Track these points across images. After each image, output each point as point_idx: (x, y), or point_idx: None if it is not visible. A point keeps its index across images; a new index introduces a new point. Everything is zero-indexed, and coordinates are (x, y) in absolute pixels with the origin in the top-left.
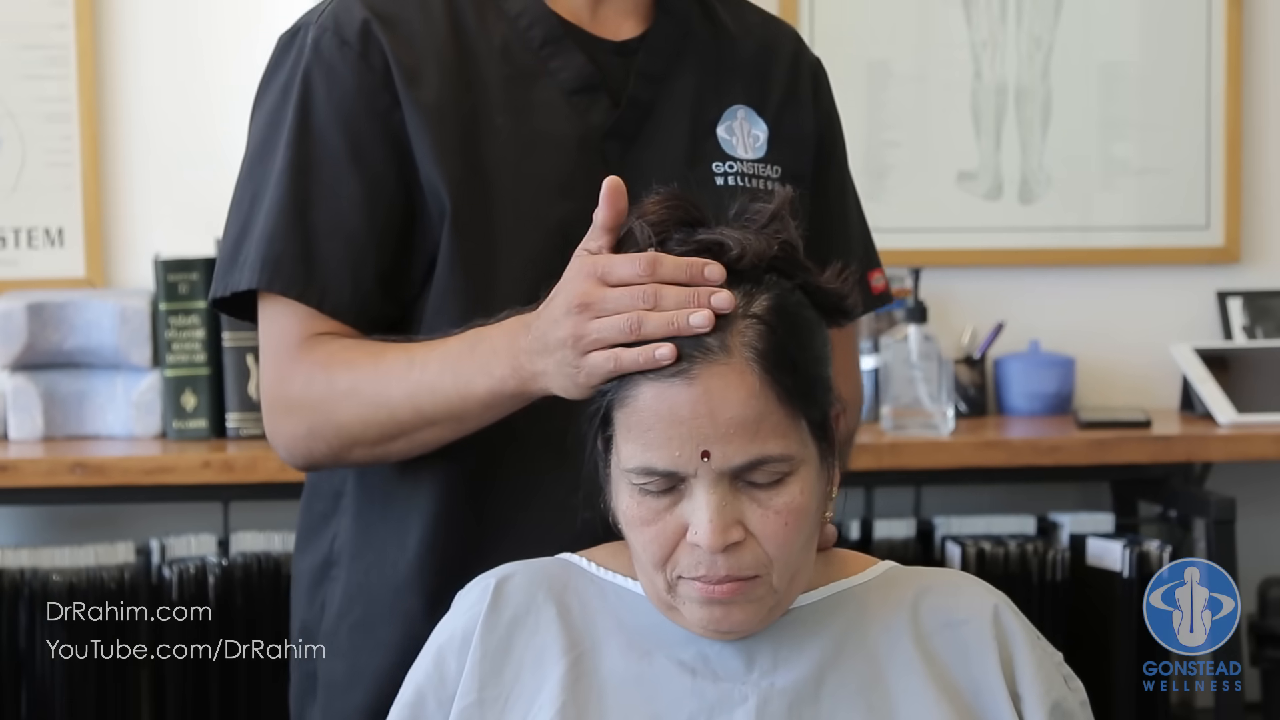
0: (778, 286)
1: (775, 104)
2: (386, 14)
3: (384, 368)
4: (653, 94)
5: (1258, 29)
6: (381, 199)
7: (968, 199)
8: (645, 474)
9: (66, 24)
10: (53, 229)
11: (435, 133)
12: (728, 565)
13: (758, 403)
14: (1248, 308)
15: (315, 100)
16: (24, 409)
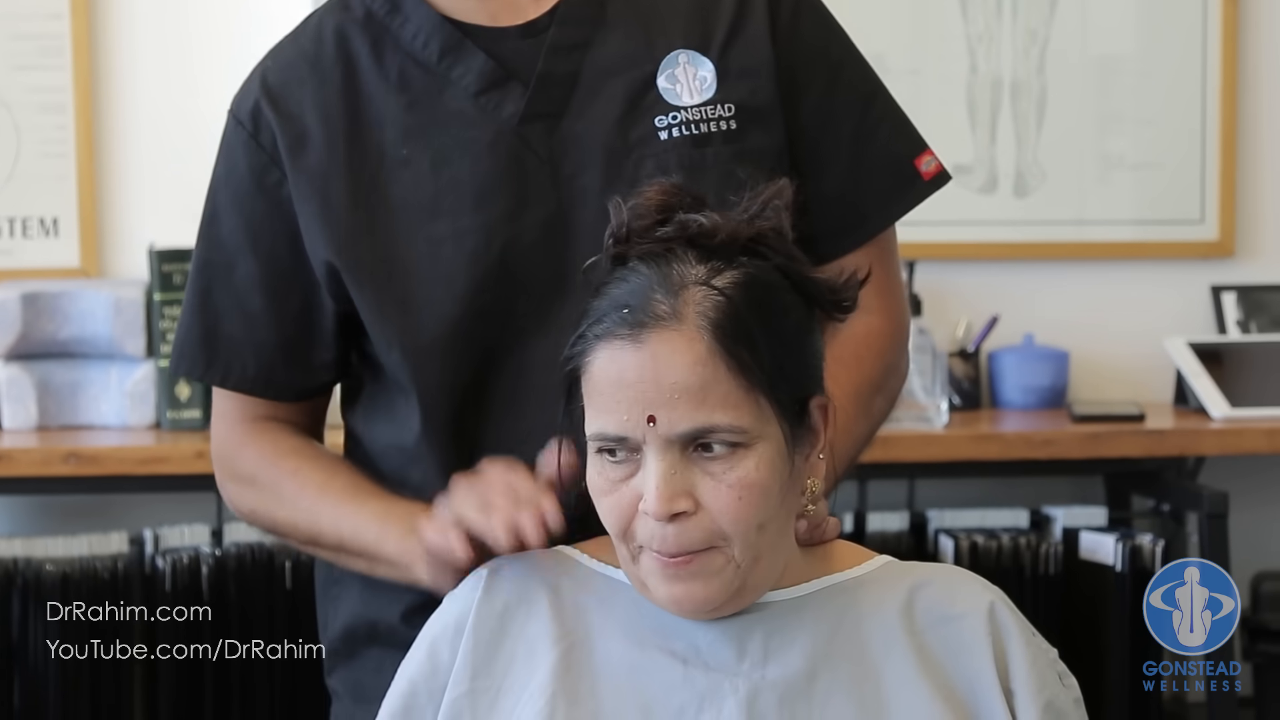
0: (751, 266)
1: (721, 37)
2: (277, 89)
3: (325, 496)
4: (575, 64)
5: (1253, 24)
6: (278, 277)
7: (962, 192)
8: (600, 439)
9: (61, 13)
10: (47, 219)
11: (322, 195)
12: (677, 537)
13: (704, 370)
14: (1242, 302)
15: (219, 184)
16: (18, 399)
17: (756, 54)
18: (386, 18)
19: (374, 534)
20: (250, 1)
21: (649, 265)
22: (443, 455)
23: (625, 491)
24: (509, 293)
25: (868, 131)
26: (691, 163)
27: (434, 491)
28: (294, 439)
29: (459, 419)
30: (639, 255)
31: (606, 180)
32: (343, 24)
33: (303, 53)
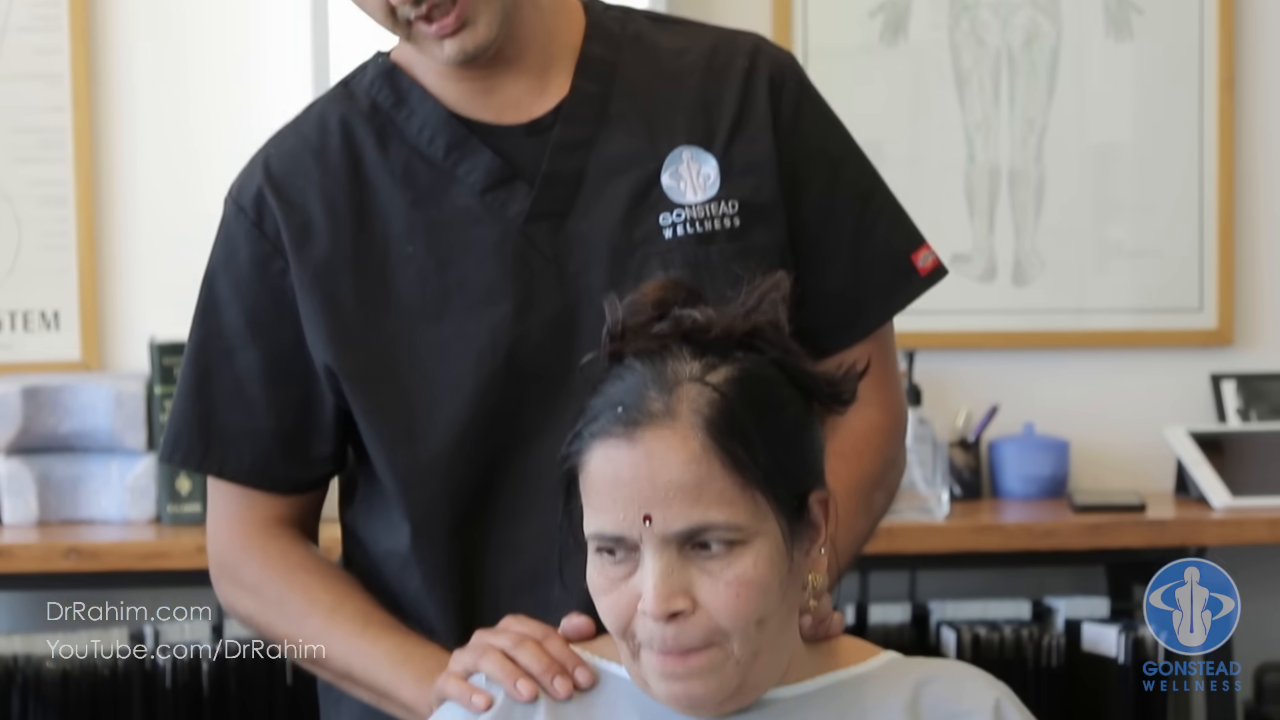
0: (747, 361)
1: (725, 135)
2: (281, 176)
3: (335, 621)
4: (579, 163)
5: (1250, 111)
6: (279, 366)
7: (961, 281)
8: (597, 539)
9: (63, 107)
10: (48, 312)
11: (326, 290)
12: (676, 636)
13: (699, 467)
14: (1242, 390)
15: (218, 270)
16: (18, 493)
17: (760, 150)
18: (392, 110)
19: (387, 676)
20: (252, 96)
21: (644, 362)
22: (439, 565)
23: (624, 590)
24: (516, 394)
25: (866, 227)
26: (696, 260)
27: (430, 600)
28: (300, 550)
29: (460, 529)
30: (634, 352)
31: (612, 279)
32: (347, 115)
33: (306, 142)
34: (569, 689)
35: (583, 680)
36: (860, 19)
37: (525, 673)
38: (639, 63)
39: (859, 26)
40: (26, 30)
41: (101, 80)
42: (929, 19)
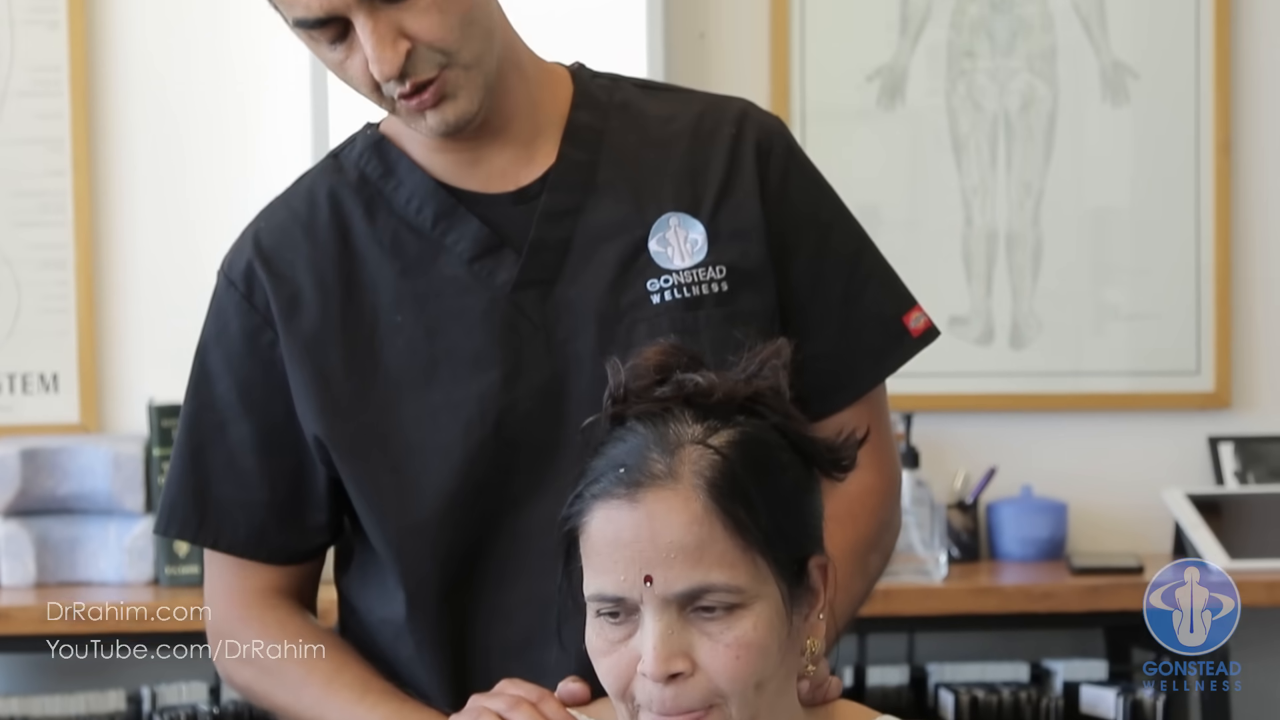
0: (748, 425)
1: (711, 200)
2: (270, 250)
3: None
4: (567, 230)
5: (1246, 175)
6: (272, 438)
7: (959, 344)
8: (598, 600)
9: (63, 171)
10: (47, 374)
11: (316, 362)
12: (675, 698)
13: (700, 529)
14: (1239, 453)
15: (210, 343)
16: (16, 555)
17: (747, 216)
18: (379, 181)
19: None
20: (249, 163)
21: (646, 425)
22: (431, 631)
23: (624, 652)
24: (505, 461)
25: (856, 291)
26: (684, 326)
27: (423, 665)
28: (297, 620)
29: (450, 594)
30: (636, 415)
31: (600, 345)
32: (335, 187)
33: (295, 215)
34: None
35: None
36: (858, 83)
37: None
38: (626, 130)
39: (857, 90)
40: (27, 95)
41: (101, 145)
42: (926, 83)
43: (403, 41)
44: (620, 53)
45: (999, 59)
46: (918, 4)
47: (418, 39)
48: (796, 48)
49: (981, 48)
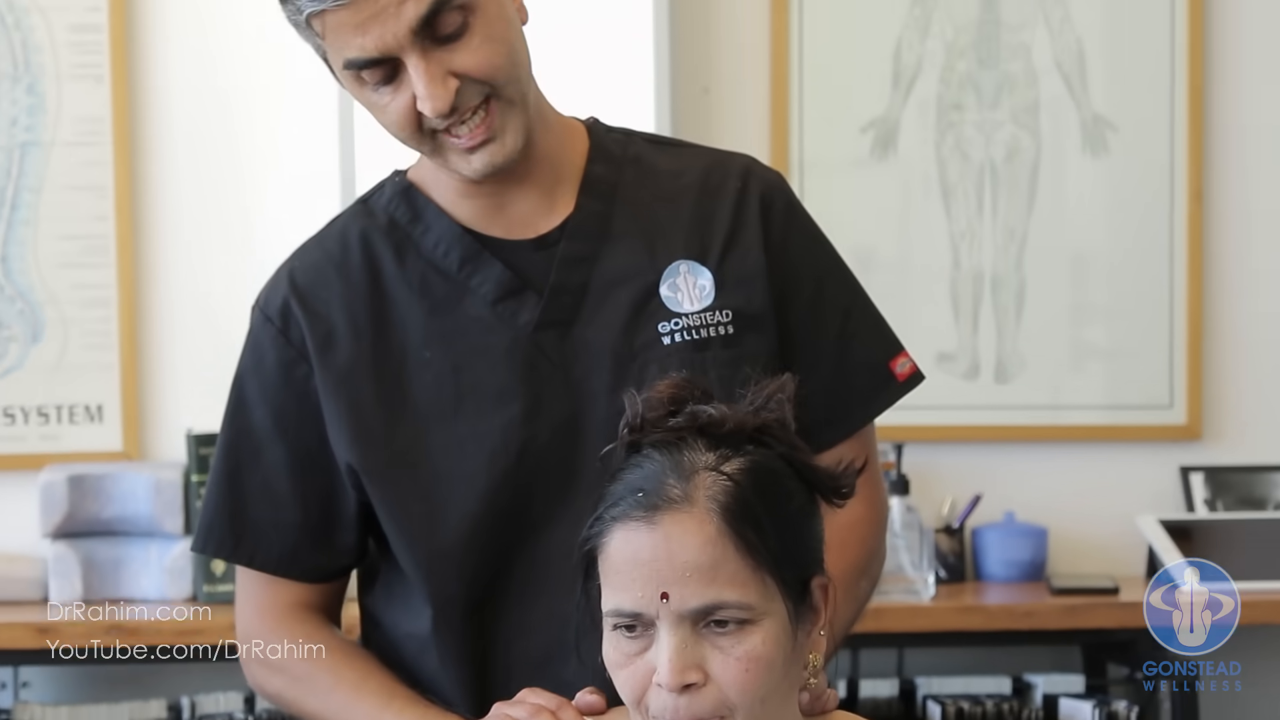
0: (757, 454)
1: (719, 249)
2: (305, 288)
3: (361, 696)
4: (584, 276)
5: (1217, 222)
6: (305, 463)
7: (947, 379)
8: (616, 615)
9: (107, 216)
10: (92, 406)
11: (349, 394)
12: (689, 707)
13: (714, 550)
14: (1209, 482)
15: (246, 374)
16: (64, 574)
17: (751, 264)
18: (409, 226)
19: None
20: (281, 208)
21: (662, 452)
22: (456, 646)
23: (640, 665)
24: (525, 489)
25: (848, 339)
26: (692, 365)
27: (447, 678)
28: (324, 632)
29: (475, 612)
30: (652, 444)
31: (614, 383)
32: (367, 230)
33: (329, 255)
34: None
35: None
36: (852, 134)
37: None
38: (639, 183)
39: (851, 142)
40: (73, 145)
41: (142, 192)
42: (917, 135)
43: (451, 80)
44: (629, 106)
45: (985, 112)
46: (909, 60)
47: (466, 74)
48: (795, 102)
49: (969, 101)
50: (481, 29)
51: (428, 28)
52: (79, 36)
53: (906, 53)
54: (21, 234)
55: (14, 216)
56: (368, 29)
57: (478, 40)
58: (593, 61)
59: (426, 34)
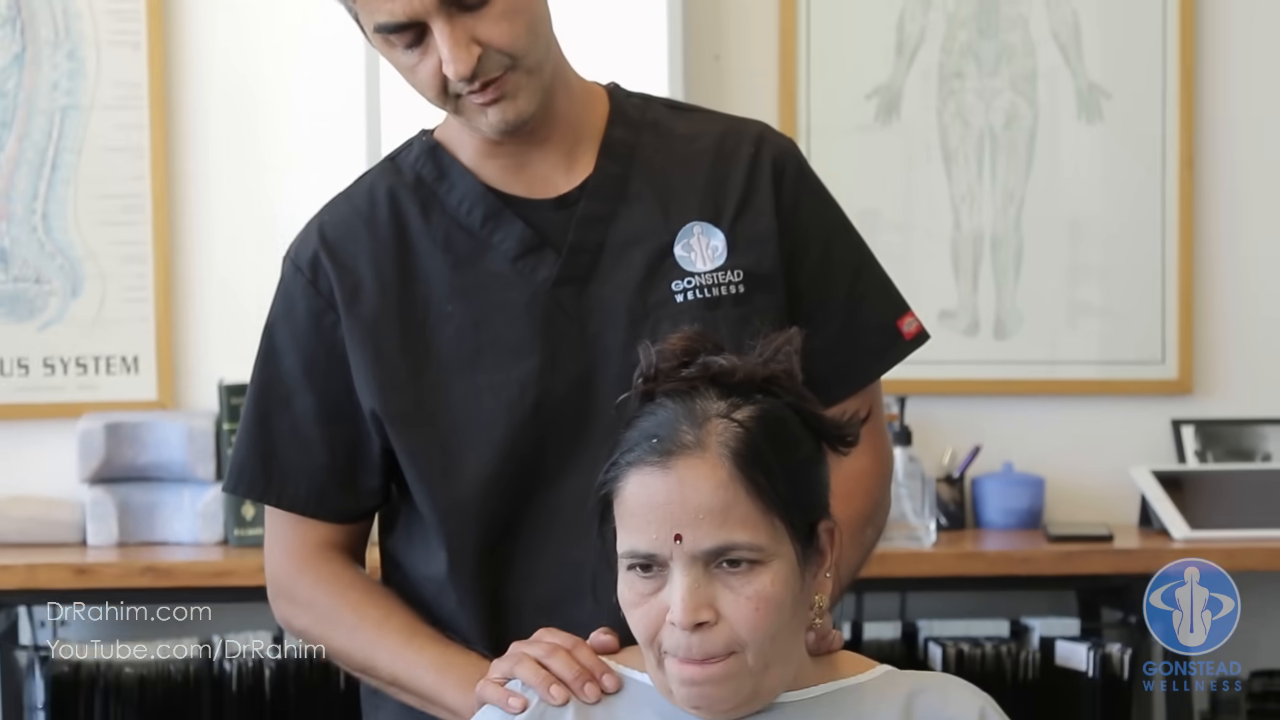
0: (766, 403)
1: (732, 211)
2: (334, 241)
3: (383, 633)
4: (601, 235)
5: (1207, 186)
6: (332, 408)
7: (948, 335)
8: (631, 557)
9: (143, 176)
10: (129, 357)
11: (374, 343)
12: (701, 644)
13: (725, 493)
14: (1199, 434)
15: (277, 322)
16: (101, 518)
17: (762, 227)
18: (434, 184)
19: (431, 681)
20: (308, 167)
21: (675, 401)
22: (472, 588)
23: (653, 604)
24: (540, 439)
25: (857, 298)
26: (704, 323)
27: (464, 617)
28: (349, 571)
29: (489, 556)
30: (665, 392)
31: (629, 338)
32: (394, 187)
33: (357, 210)
34: (597, 694)
35: (609, 686)
36: (858, 101)
37: (557, 679)
38: (656, 147)
39: (856, 108)
40: (111, 108)
41: (177, 153)
42: (920, 101)
43: (475, 46)
44: (643, 73)
45: (985, 80)
46: (912, 30)
47: (488, 44)
48: (803, 69)
49: (970, 70)
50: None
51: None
52: (117, 5)
53: (909, 23)
54: (62, 193)
55: (55, 176)
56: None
57: (500, 8)
58: (609, 29)
59: (452, 1)
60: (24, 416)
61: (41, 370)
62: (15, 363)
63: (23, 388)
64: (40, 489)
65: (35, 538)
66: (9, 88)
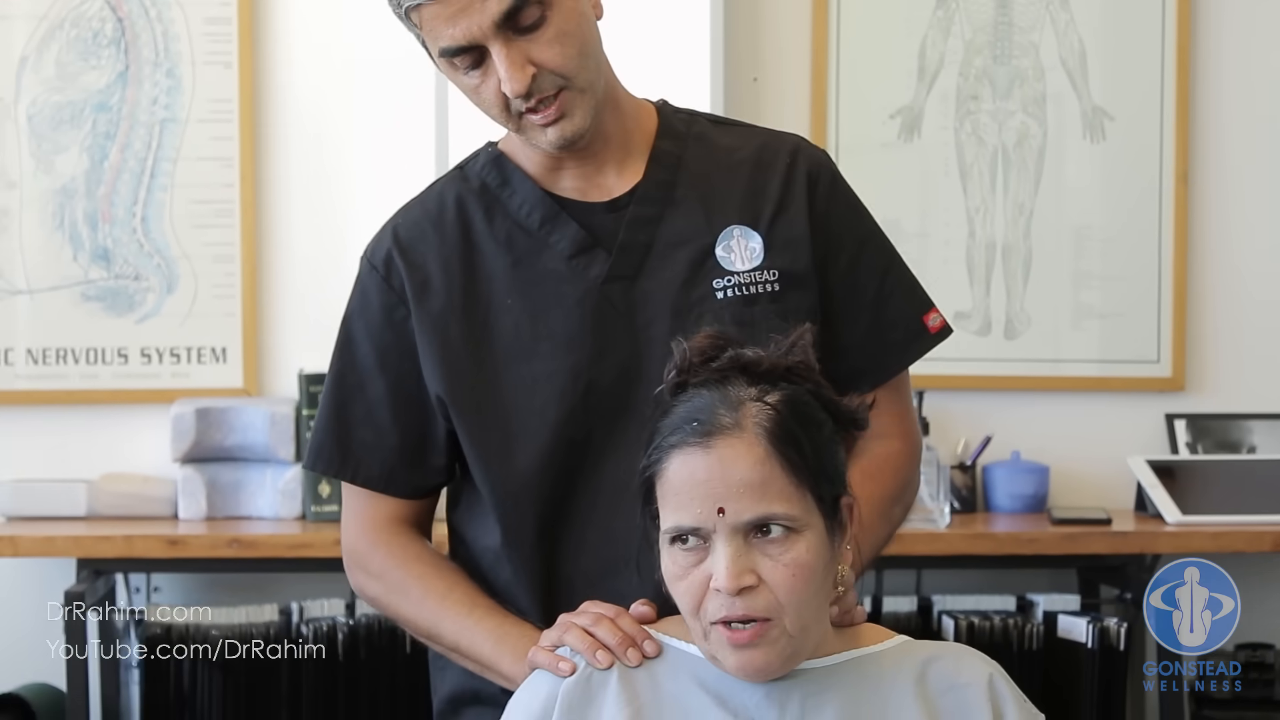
0: (790, 389)
1: (769, 216)
2: (407, 241)
3: (446, 605)
4: (649, 236)
5: (1201, 200)
6: (402, 394)
7: (962, 335)
8: (676, 531)
9: (233, 183)
10: (217, 348)
11: (441, 334)
12: (744, 606)
13: (764, 468)
14: (1191, 428)
15: (354, 315)
16: (191, 495)
17: (797, 230)
18: (498, 190)
19: (489, 649)
20: (381, 175)
21: (709, 389)
22: (527, 560)
23: (696, 575)
24: (589, 423)
25: (885, 296)
26: (742, 319)
27: (519, 587)
28: (417, 545)
29: (542, 531)
30: (698, 383)
31: (673, 331)
32: (462, 193)
33: (428, 214)
34: (639, 658)
35: (650, 651)
36: (882, 120)
37: (603, 645)
38: (700, 156)
39: (881, 127)
40: (205, 121)
41: (264, 163)
42: (939, 121)
43: (529, 66)
44: (687, 92)
45: (999, 102)
46: (933, 56)
47: (542, 65)
48: (832, 91)
49: (985, 93)
50: (558, 23)
51: (509, 20)
52: (212, 28)
53: (930, 50)
54: (160, 198)
55: (153, 183)
56: (457, 21)
57: (553, 33)
58: (656, 53)
59: (508, 25)
60: (123, 401)
61: (139, 359)
62: (116, 352)
63: (122, 375)
64: (137, 468)
65: (132, 511)
66: (113, 102)
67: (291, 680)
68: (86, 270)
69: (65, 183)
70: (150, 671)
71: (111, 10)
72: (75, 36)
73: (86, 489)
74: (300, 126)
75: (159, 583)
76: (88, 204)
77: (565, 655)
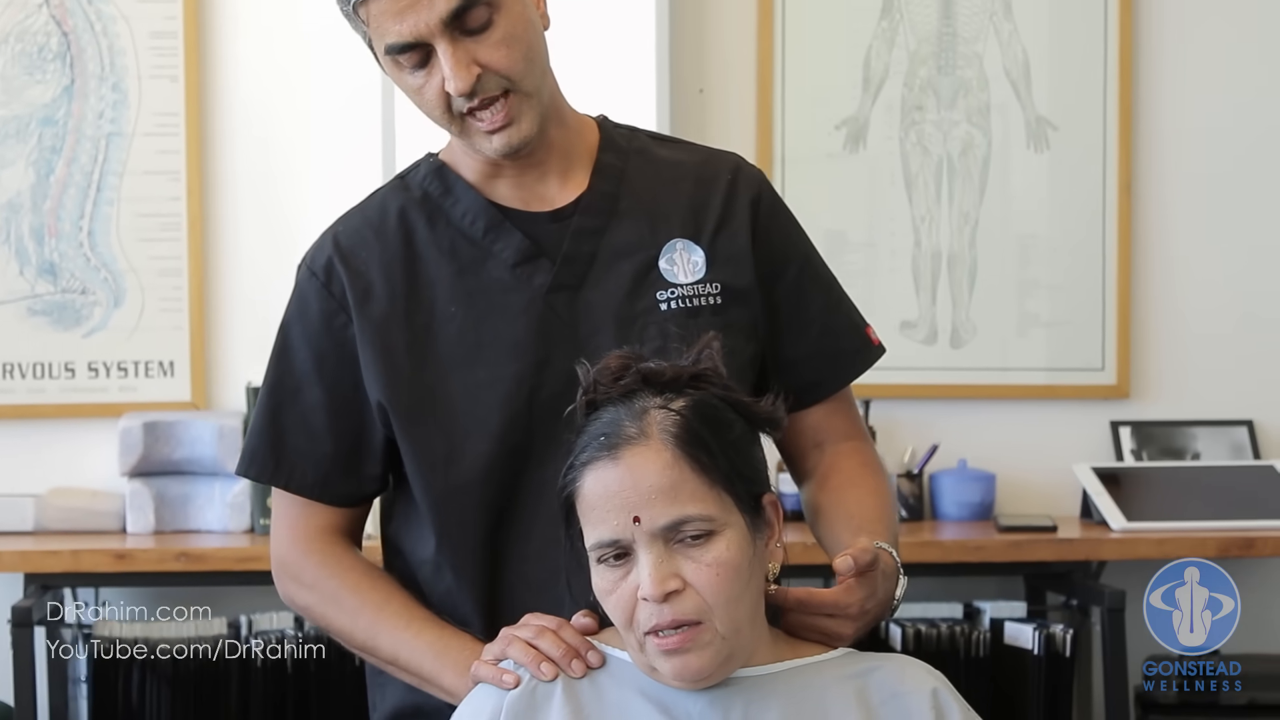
0: (696, 395)
1: (710, 231)
2: (348, 248)
3: (383, 616)
4: (593, 246)
5: (1143, 210)
6: (339, 401)
7: (909, 343)
8: (599, 548)
9: (180, 197)
10: (165, 362)
11: (383, 341)
12: (672, 611)
13: (673, 472)
14: (1135, 435)
15: (291, 322)
16: (139, 508)
17: (739, 246)
18: (440, 198)
19: (430, 663)
20: (327, 188)
21: (616, 404)
22: (467, 570)
23: (625, 587)
24: (531, 431)
25: (831, 309)
26: (685, 329)
27: (460, 597)
28: (350, 555)
29: (485, 538)
30: (605, 400)
31: (617, 341)
32: (404, 202)
33: (369, 221)
34: (583, 669)
35: (594, 661)
36: (828, 131)
37: (546, 657)
38: (642, 170)
39: (827, 138)
40: (151, 135)
41: (210, 177)
42: (884, 131)
43: (474, 67)
44: (632, 104)
45: (944, 112)
46: (878, 66)
47: (487, 66)
48: (778, 101)
49: (929, 103)
50: (505, 27)
51: (457, 20)
52: (157, 42)
53: (875, 60)
54: (106, 212)
55: (99, 197)
56: (404, 17)
57: (500, 35)
58: (601, 64)
59: (456, 25)
60: (70, 415)
61: (86, 373)
62: (63, 366)
63: (69, 389)
64: (84, 482)
65: (79, 526)
66: (59, 116)
67: (240, 693)
68: (33, 284)
69: (11, 197)
70: (99, 685)
71: (57, 24)
72: (20, 51)
73: (34, 503)
74: (247, 139)
75: (107, 597)
76: (34, 218)
77: (509, 668)
